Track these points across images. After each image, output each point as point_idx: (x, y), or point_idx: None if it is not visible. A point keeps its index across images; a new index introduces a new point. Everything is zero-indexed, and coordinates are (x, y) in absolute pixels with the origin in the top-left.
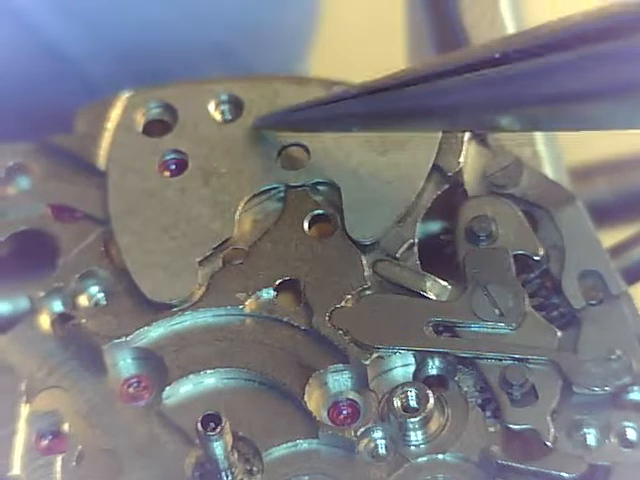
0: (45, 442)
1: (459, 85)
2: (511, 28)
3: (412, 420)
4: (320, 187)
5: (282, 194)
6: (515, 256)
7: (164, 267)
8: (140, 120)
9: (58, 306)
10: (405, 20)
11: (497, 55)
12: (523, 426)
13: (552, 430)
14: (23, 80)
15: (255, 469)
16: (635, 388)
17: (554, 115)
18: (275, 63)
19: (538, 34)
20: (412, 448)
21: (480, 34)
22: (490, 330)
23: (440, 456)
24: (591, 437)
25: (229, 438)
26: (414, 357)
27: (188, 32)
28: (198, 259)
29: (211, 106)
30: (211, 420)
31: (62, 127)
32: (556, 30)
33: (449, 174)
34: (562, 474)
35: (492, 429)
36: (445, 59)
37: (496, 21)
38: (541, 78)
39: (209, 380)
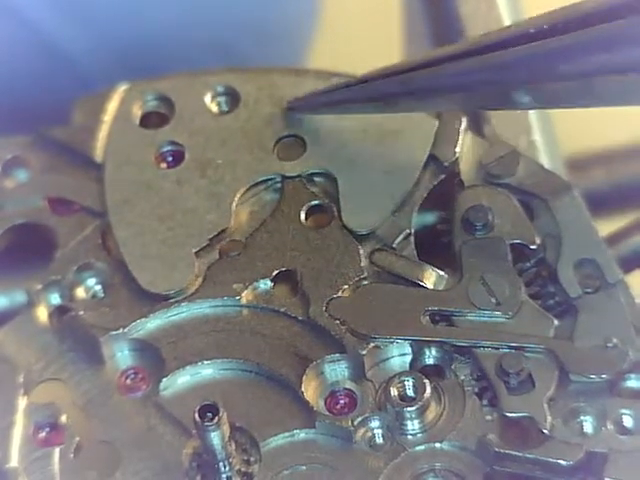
0: (43, 434)
1: (478, 66)
2: (507, 17)
3: (409, 409)
4: (316, 178)
5: (278, 185)
6: (511, 245)
7: (161, 258)
8: (137, 112)
9: (55, 298)
10: (402, 12)
11: (515, 35)
12: (520, 414)
13: (549, 418)
14: (19, 75)
15: (252, 459)
16: (632, 376)
17: (570, 92)
18: (275, 58)
19: (556, 14)
20: (409, 437)
21: (476, 24)
22: (487, 319)
23: (437, 445)
24: (588, 424)
25: (226, 428)
26: (411, 346)
27: (186, 27)
28: (195, 250)
29: (207, 98)
30: (208, 410)
31: (57, 123)
32: (573, 10)
33: (445, 164)
34: (559, 461)
35: (489, 417)
36: (471, 40)
37: (492, 11)
38: (559, 56)
39: (206, 371)
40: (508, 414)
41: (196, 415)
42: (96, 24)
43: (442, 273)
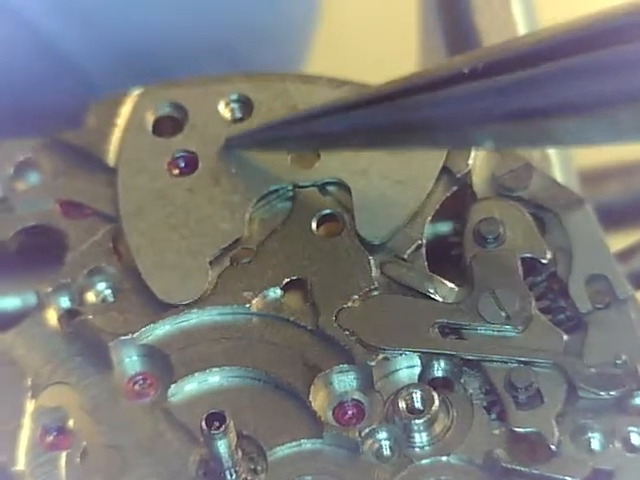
0: (50, 438)
1: (439, 100)
2: (522, 28)
3: (417, 422)
4: (330, 187)
5: (290, 193)
6: (522, 259)
7: (175, 268)
8: (150, 119)
9: (65, 302)
10: (415, 20)
11: (473, 69)
12: (528, 429)
13: (557, 434)
14: (20, 78)
15: (259, 468)
16: None
17: (525, 133)
18: (276, 61)
19: (518, 45)
20: (416, 450)
21: (492, 35)
22: (496, 333)
23: (444, 458)
24: (595, 441)
25: (233, 437)
26: (420, 359)
27: (187, 30)
28: (209, 259)
29: (221, 105)
30: (215, 419)
31: (60, 125)
32: (535, 41)
33: (458, 176)
34: (566, 478)
35: (497, 432)
36: (424, 73)
37: (508, 22)
38: (518, 92)
39: (214, 378)
40: (516, 429)
41: (203, 423)
42: (97, 26)
43: (452, 285)
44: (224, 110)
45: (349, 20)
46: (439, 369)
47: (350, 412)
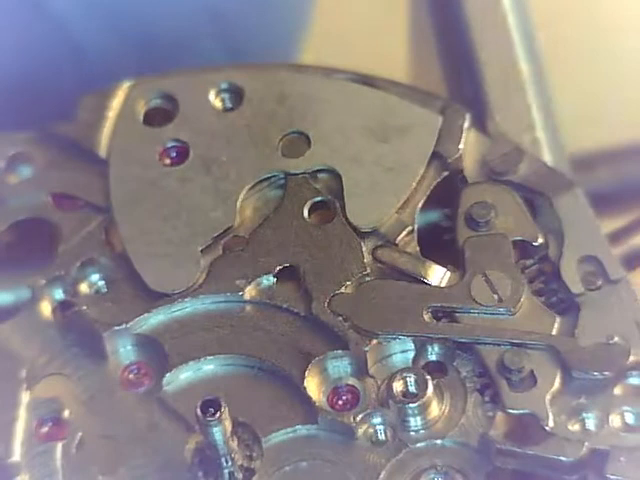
0: (45, 429)
1: None
2: (512, 18)
3: (411, 406)
4: (321, 174)
5: (282, 181)
6: (514, 242)
7: (166, 257)
8: (141, 110)
9: (59, 294)
10: (405, 8)
11: None
12: (522, 411)
13: (551, 415)
14: (22, 72)
15: (255, 455)
16: (634, 373)
17: None
18: (270, 53)
19: None
20: (411, 433)
21: (482, 20)
22: (489, 315)
23: (439, 441)
24: (590, 421)
25: (228, 424)
26: (413, 343)
27: (184, 20)
28: (200, 248)
29: (211, 95)
30: (210, 406)
31: (60, 118)
32: None
33: (449, 161)
34: (561, 458)
35: (491, 414)
36: None
37: (498, 12)
38: None
39: (209, 366)
40: (510, 411)
41: (198, 410)
42: (101, 17)
43: (445, 269)
44: (215, 100)
45: (342, 11)
46: (433, 353)
47: (345, 397)
